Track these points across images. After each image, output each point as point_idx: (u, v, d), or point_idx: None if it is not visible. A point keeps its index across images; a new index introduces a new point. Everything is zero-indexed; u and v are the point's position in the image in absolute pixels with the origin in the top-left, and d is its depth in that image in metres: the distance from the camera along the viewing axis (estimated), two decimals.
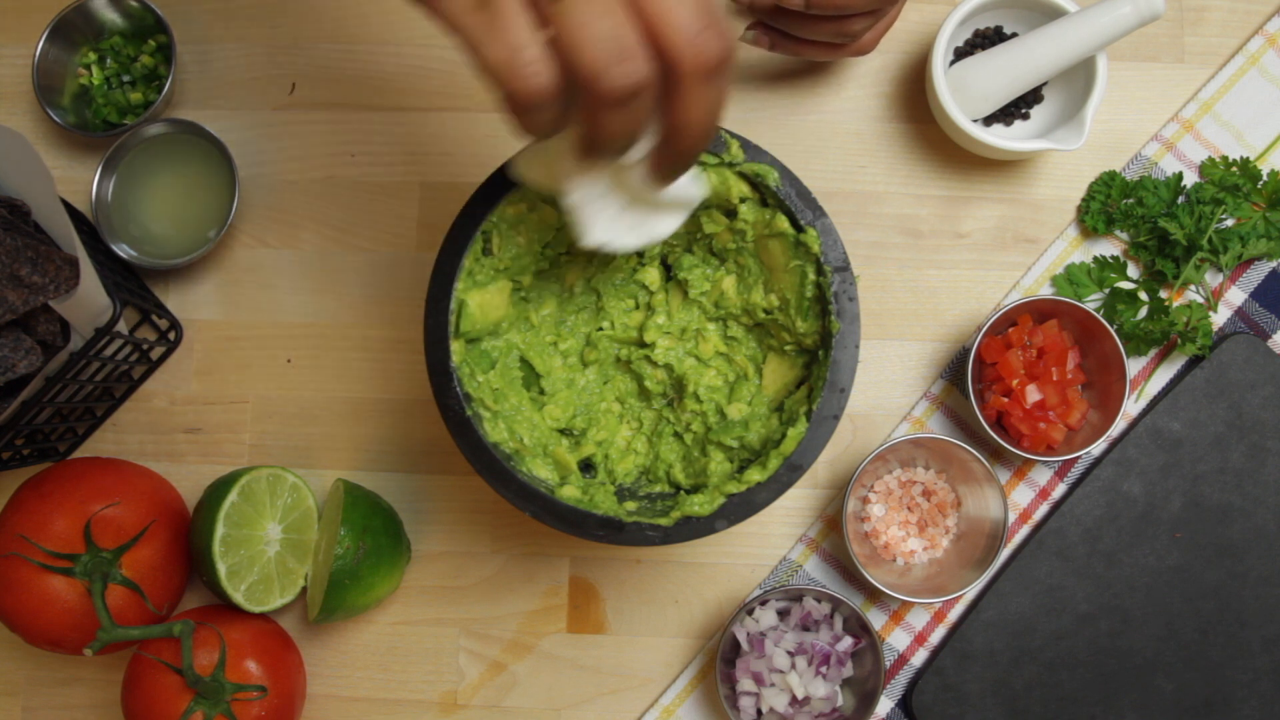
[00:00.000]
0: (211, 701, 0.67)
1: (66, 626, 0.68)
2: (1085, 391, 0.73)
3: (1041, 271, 0.77)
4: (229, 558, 0.69)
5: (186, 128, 0.77)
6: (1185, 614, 0.73)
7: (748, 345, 0.70)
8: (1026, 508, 0.75)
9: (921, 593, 0.70)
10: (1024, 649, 0.73)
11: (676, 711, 0.75)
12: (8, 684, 0.77)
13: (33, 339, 0.63)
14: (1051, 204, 0.78)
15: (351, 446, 0.78)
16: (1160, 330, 0.73)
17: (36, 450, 0.75)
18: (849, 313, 0.61)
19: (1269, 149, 0.77)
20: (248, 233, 0.80)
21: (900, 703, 0.74)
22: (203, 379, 0.79)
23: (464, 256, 0.62)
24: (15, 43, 0.82)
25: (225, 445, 0.78)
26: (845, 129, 0.79)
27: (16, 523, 0.68)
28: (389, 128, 0.80)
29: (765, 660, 0.69)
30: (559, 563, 0.77)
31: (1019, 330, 0.72)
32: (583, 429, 0.69)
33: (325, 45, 0.81)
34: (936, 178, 0.78)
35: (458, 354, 0.62)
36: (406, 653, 0.76)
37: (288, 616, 0.76)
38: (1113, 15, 0.68)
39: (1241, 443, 0.74)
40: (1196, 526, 0.73)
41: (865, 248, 0.78)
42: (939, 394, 0.77)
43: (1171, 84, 0.79)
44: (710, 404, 0.69)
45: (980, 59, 0.74)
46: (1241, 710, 0.73)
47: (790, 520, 0.76)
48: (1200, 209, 0.74)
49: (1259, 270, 0.76)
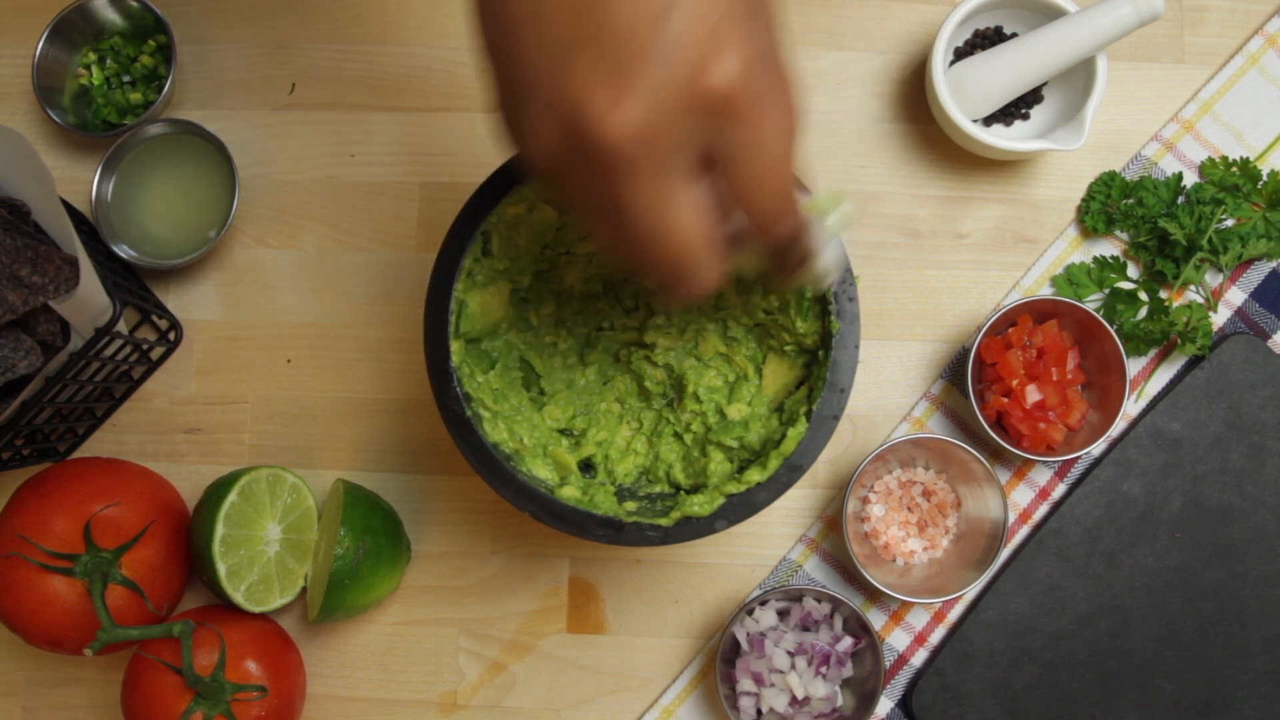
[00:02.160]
0: (211, 702, 0.67)
1: (66, 626, 0.68)
2: (1085, 391, 0.73)
3: (1041, 272, 0.77)
4: (229, 558, 0.69)
5: (186, 128, 0.77)
6: (1185, 614, 0.73)
7: (748, 345, 0.70)
8: (1026, 508, 0.75)
9: (921, 593, 0.70)
10: (1024, 649, 0.73)
11: (676, 711, 0.75)
12: (8, 684, 0.77)
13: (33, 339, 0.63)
14: (1051, 204, 0.78)
15: (351, 446, 0.78)
16: (1160, 330, 0.73)
17: (36, 450, 0.75)
18: (849, 313, 0.61)
19: (1269, 149, 0.77)
20: (248, 233, 0.80)
21: (900, 703, 0.74)
22: (203, 379, 0.79)
23: (464, 257, 0.62)
24: (15, 43, 0.82)
25: (225, 445, 0.78)
26: (845, 129, 0.79)
27: (16, 523, 0.68)
28: (389, 128, 0.80)
29: (765, 660, 0.69)
30: (559, 563, 0.77)
31: (1019, 330, 0.72)
32: (583, 429, 0.69)
33: (325, 45, 0.81)
34: (936, 178, 0.78)
35: (457, 354, 0.62)
36: (406, 653, 0.76)
37: (288, 616, 0.76)
38: (1113, 15, 0.68)
39: (1241, 443, 0.74)
40: (1196, 527, 0.73)
41: (865, 248, 0.78)
42: (939, 394, 0.77)
43: (1171, 84, 0.79)
44: (710, 404, 0.69)
45: (980, 59, 0.74)
46: (1241, 710, 0.73)
47: (790, 520, 0.76)
48: (1200, 209, 0.74)
49: (1259, 270, 0.76)
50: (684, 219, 0.39)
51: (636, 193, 0.38)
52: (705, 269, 0.40)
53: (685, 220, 0.39)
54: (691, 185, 0.38)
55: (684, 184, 0.38)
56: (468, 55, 0.80)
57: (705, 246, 0.40)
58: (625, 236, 0.40)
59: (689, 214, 0.39)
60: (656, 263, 0.40)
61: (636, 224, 0.39)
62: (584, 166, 0.38)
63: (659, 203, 0.38)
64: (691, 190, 0.38)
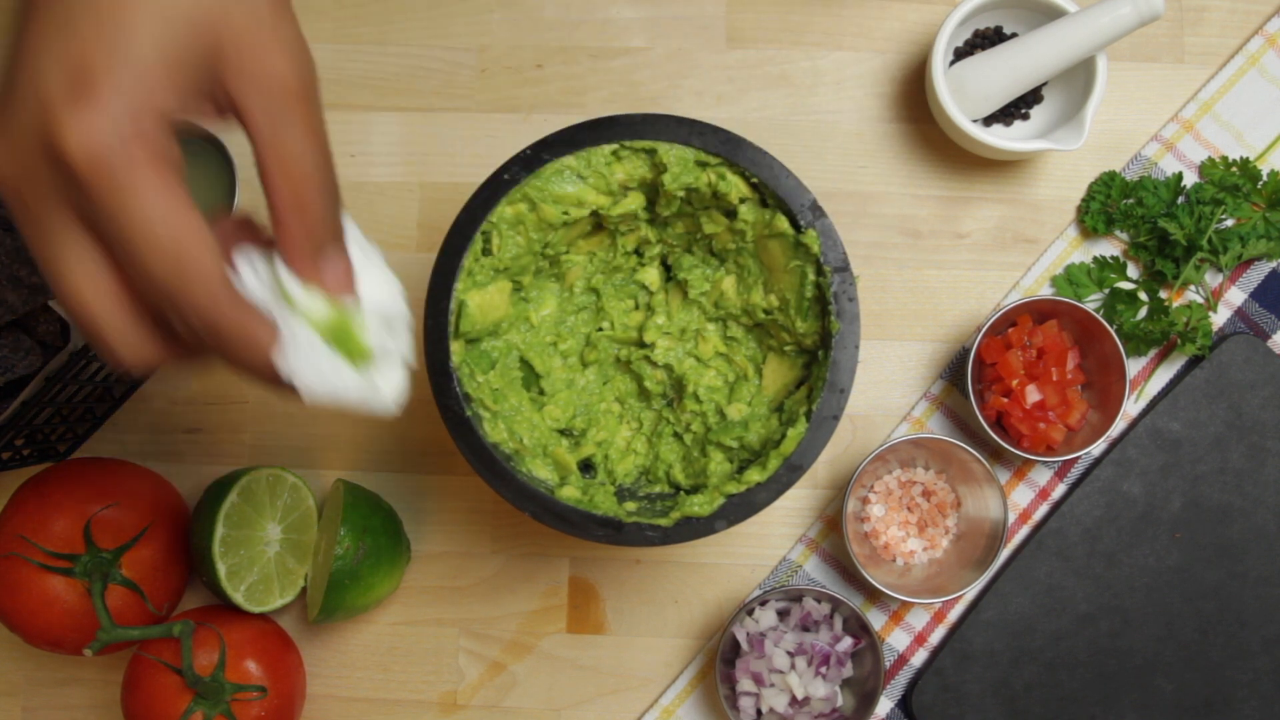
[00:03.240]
0: (211, 702, 0.67)
1: (66, 627, 0.68)
2: (1085, 392, 0.73)
3: (1041, 272, 0.77)
4: (229, 558, 0.69)
5: (186, 128, 0.77)
6: (1185, 614, 0.73)
7: (747, 345, 0.70)
8: (1026, 508, 0.75)
9: (921, 593, 0.70)
10: (1024, 649, 0.73)
11: (676, 712, 0.75)
12: (8, 684, 0.77)
13: (33, 339, 0.63)
14: (1051, 204, 0.78)
15: (351, 446, 0.78)
16: (1160, 330, 0.73)
17: (36, 450, 0.75)
18: (849, 313, 0.61)
19: (1269, 149, 0.77)
20: None
21: (900, 703, 0.74)
22: (203, 379, 0.79)
23: (464, 256, 0.62)
24: None
25: (225, 445, 0.78)
26: (845, 129, 0.79)
27: (16, 523, 0.68)
28: (389, 128, 0.80)
29: (765, 660, 0.69)
30: (559, 563, 0.77)
31: (1019, 330, 0.72)
32: (582, 429, 0.69)
33: (325, 45, 0.81)
34: (936, 178, 0.78)
35: (457, 354, 0.62)
36: (406, 653, 0.76)
37: (288, 617, 0.76)
38: (1113, 15, 0.68)
39: (1241, 443, 0.74)
40: (1196, 527, 0.73)
41: (865, 248, 0.78)
42: (939, 394, 0.77)
43: (1171, 84, 0.79)
44: (710, 404, 0.69)
45: (980, 59, 0.74)
46: (1241, 710, 0.73)
47: (790, 520, 0.76)
48: (1200, 209, 0.74)
49: (1259, 270, 0.76)
50: (72, 282, 0.34)
51: (26, 232, 0.34)
52: (121, 344, 0.35)
53: (74, 283, 0.34)
54: (73, 241, 0.34)
55: (64, 238, 0.34)
56: (467, 55, 0.80)
57: (78, 285, 0.34)
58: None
59: (75, 276, 0.34)
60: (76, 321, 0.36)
61: (41, 267, 0.35)
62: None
63: (47, 256, 0.34)
64: (74, 247, 0.34)
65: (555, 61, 0.80)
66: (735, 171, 0.63)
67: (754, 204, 0.64)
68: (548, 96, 0.80)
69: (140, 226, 0.33)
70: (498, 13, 0.80)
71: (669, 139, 0.62)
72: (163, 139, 0.35)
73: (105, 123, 0.33)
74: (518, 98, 0.80)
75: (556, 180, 0.63)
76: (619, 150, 0.63)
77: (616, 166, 0.64)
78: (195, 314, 0.35)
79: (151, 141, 0.34)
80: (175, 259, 0.34)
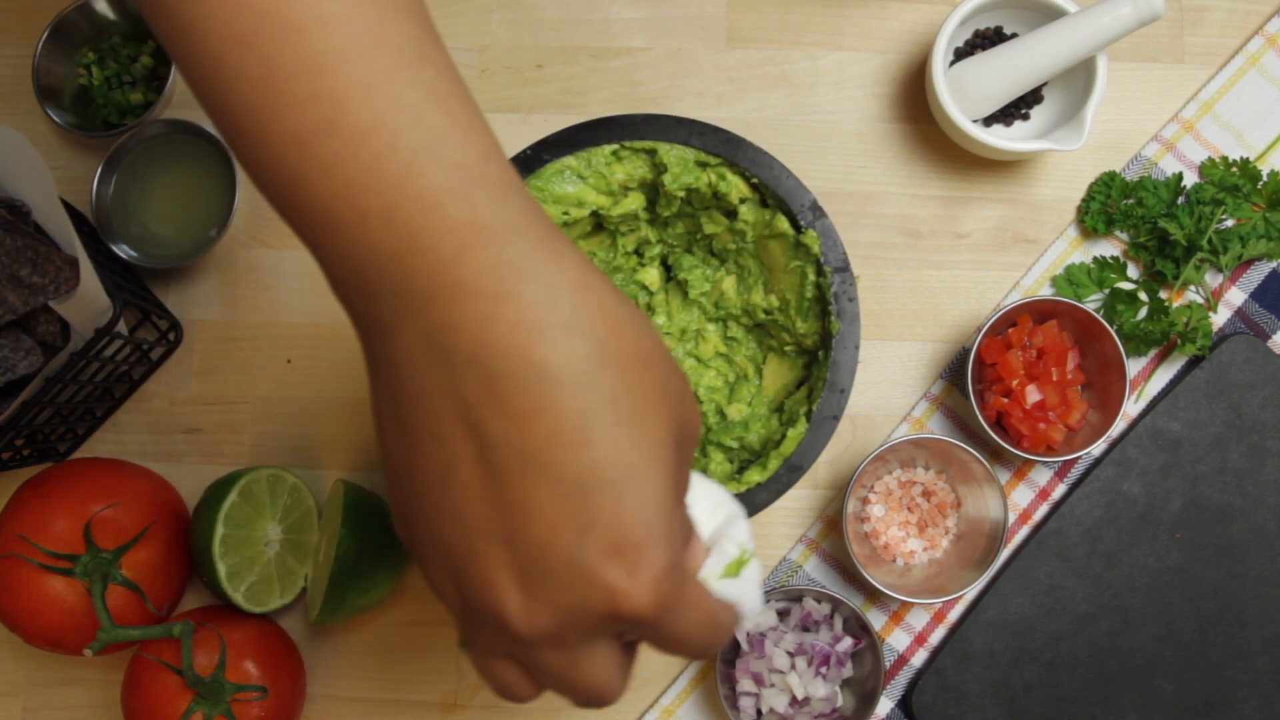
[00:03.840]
0: (211, 702, 0.67)
1: (66, 627, 0.68)
2: (1085, 392, 0.73)
3: (1041, 272, 0.77)
4: (229, 558, 0.69)
5: (186, 128, 0.77)
6: (1185, 614, 0.73)
7: (748, 346, 0.70)
8: (1026, 508, 0.75)
9: (921, 593, 0.70)
10: (1024, 649, 0.73)
11: (676, 711, 0.75)
12: (8, 684, 0.77)
13: (33, 339, 0.63)
14: (1051, 204, 0.78)
15: (351, 446, 0.78)
16: (1160, 330, 0.73)
17: (36, 450, 0.75)
18: (849, 313, 0.61)
19: (1269, 149, 0.77)
20: (248, 233, 0.80)
21: (900, 703, 0.74)
22: (203, 379, 0.79)
23: None
24: (15, 43, 0.82)
25: (225, 445, 0.78)
26: (845, 129, 0.79)
27: (16, 523, 0.68)
28: None
29: (765, 661, 0.69)
30: None
31: (1019, 331, 0.72)
32: None
33: None
34: (936, 178, 0.78)
35: None
36: (406, 653, 0.76)
37: (288, 617, 0.76)
38: (1113, 15, 0.68)
39: (1241, 443, 0.74)
40: (1196, 527, 0.74)
41: (865, 248, 0.78)
42: (939, 394, 0.77)
43: (1171, 84, 0.79)
44: (710, 404, 0.69)
45: (980, 59, 0.74)
46: (1241, 710, 0.73)
47: (790, 520, 0.76)
48: (1200, 209, 0.74)
49: (1259, 270, 0.76)
50: (594, 674, 0.37)
51: (543, 660, 0.37)
52: (616, 693, 0.39)
53: (595, 675, 0.38)
54: (604, 645, 0.37)
55: (596, 648, 0.37)
56: (467, 55, 0.80)
57: (617, 684, 0.38)
58: (529, 679, 0.39)
59: (599, 670, 0.37)
60: (564, 695, 0.39)
61: (541, 678, 0.38)
62: (485, 629, 0.37)
63: (566, 665, 0.37)
64: (603, 649, 0.37)
65: (555, 61, 0.80)
66: (735, 172, 0.63)
67: (754, 204, 0.64)
68: (547, 97, 0.80)
69: (690, 638, 0.38)
70: (498, 13, 0.80)
71: (669, 139, 0.62)
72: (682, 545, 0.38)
73: (661, 572, 0.35)
74: (517, 98, 0.80)
75: (556, 180, 0.63)
76: (619, 150, 0.63)
77: (616, 167, 0.64)
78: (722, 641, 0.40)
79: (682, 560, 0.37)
80: (713, 628, 0.39)
